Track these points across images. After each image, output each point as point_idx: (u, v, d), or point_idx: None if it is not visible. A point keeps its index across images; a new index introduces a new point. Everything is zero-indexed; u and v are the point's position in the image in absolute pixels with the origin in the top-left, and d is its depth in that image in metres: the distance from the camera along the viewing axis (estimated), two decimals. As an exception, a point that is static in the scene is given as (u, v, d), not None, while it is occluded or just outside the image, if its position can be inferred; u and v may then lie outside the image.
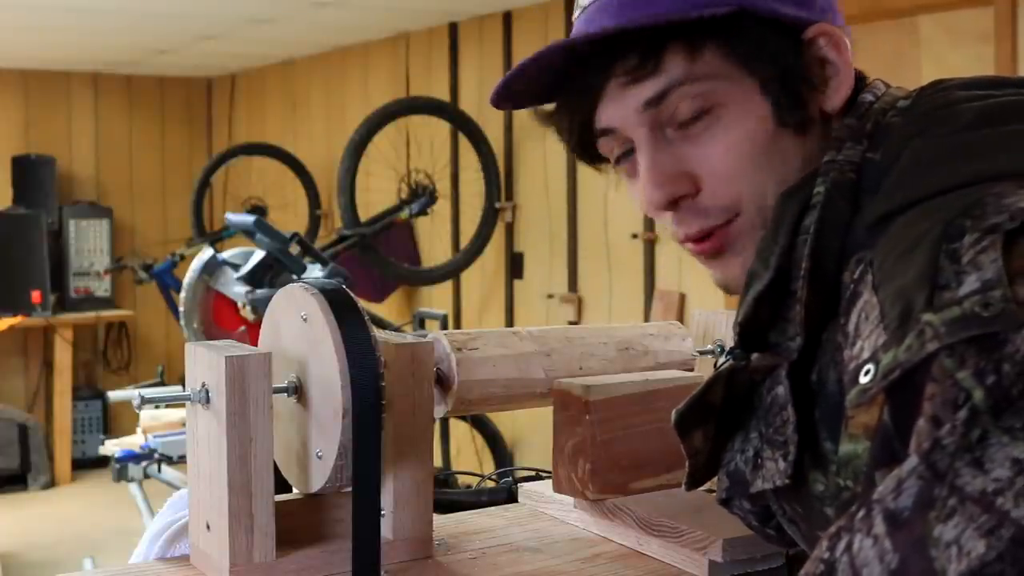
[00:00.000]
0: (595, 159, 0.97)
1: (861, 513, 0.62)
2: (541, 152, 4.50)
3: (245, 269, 3.60)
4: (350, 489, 1.07)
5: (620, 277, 4.21)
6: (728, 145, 0.87)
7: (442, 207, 4.96)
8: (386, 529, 1.14)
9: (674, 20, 0.84)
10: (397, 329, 3.99)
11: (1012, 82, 0.85)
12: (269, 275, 3.57)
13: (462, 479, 3.47)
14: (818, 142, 0.88)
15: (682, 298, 3.98)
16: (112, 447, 3.88)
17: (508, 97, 0.95)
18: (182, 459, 3.72)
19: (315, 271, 3.57)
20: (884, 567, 0.59)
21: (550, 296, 4.50)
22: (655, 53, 0.86)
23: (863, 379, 0.67)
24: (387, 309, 5.28)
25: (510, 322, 4.73)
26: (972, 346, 0.61)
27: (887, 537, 0.59)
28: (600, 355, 1.29)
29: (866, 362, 0.68)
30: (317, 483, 1.10)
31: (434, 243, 5.13)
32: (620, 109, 0.89)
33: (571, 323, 4.31)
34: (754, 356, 0.85)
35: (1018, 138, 0.75)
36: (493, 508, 1.37)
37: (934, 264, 0.66)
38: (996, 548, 0.55)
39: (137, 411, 1.11)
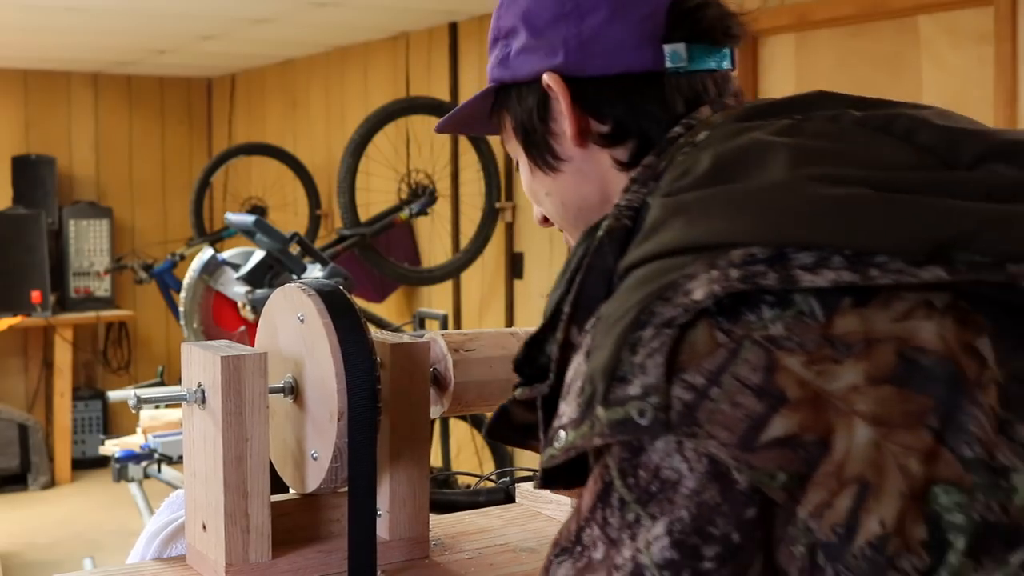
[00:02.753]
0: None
1: (578, 551, 0.73)
2: (541, 152, 4.49)
3: (245, 269, 3.60)
4: (346, 489, 1.07)
5: (620, 277, 4.21)
6: (528, 186, 1.00)
7: (442, 207, 4.96)
8: (382, 529, 1.14)
9: (488, 89, 1.03)
10: (397, 329, 3.99)
11: (784, 107, 0.84)
12: (269, 275, 3.57)
13: (461, 479, 3.47)
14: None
15: (682, 298, 3.97)
16: (112, 447, 3.87)
17: (448, 127, 1.11)
18: (182, 459, 3.71)
19: (315, 271, 3.57)
20: None
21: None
22: (498, 113, 1.03)
23: (556, 443, 0.75)
24: (387, 309, 5.28)
25: (510, 322, 4.73)
26: (623, 447, 0.70)
27: None
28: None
29: (560, 428, 0.75)
30: (312, 484, 1.10)
31: (434, 243, 5.13)
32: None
33: (571, 323, 4.30)
34: (517, 391, 0.90)
35: (727, 201, 0.73)
36: (491, 508, 1.37)
37: (617, 355, 0.71)
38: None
39: (134, 411, 1.11)
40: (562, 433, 0.74)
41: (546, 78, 0.92)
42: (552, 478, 0.80)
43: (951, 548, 0.64)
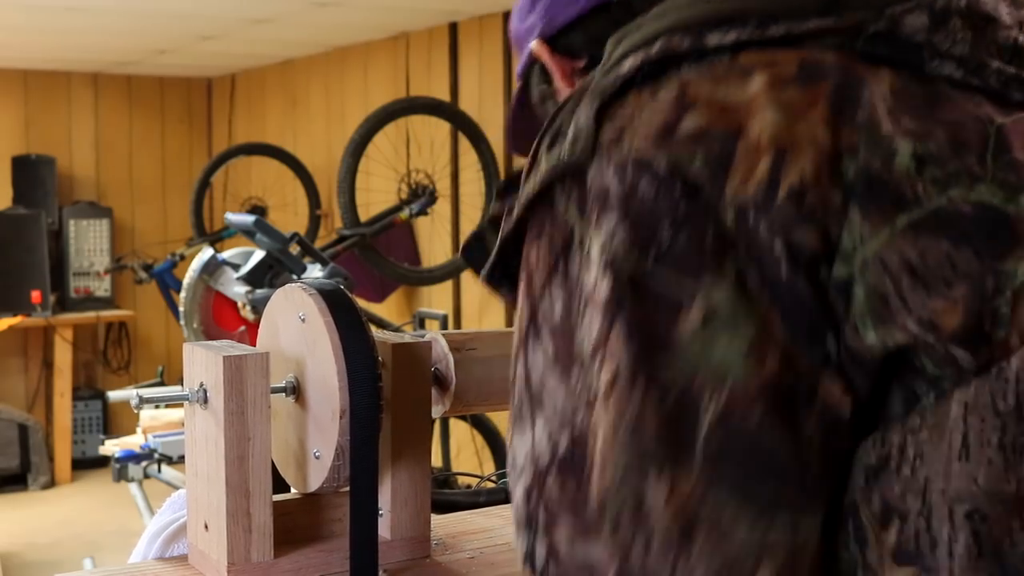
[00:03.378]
0: None
1: (530, 333, 0.77)
2: (541, 152, 4.49)
3: (245, 269, 3.60)
4: (348, 489, 1.07)
5: (620, 277, 4.21)
6: None
7: (442, 207, 4.96)
8: (384, 529, 1.14)
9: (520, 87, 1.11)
10: (397, 329, 3.99)
11: None
12: (269, 275, 3.57)
13: (462, 479, 3.47)
14: None
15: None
16: (112, 447, 3.88)
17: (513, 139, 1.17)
18: (182, 459, 3.72)
19: (315, 271, 3.57)
20: (543, 359, 0.74)
21: (550, 296, 4.50)
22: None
23: (505, 222, 0.82)
24: (387, 309, 5.28)
25: (510, 322, 4.72)
26: (569, 189, 0.75)
27: (550, 342, 0.75)
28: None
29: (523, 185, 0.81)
30: (314, 483, 1.10)
31: (434, 243, 5.13)
32: None
33: (571, 323, 4.31)
34: (492, 207, 0.93)
35: (654, 16, 0.81)
36: (491, 508, 1.37)
37: (560, 125, 0.78)
38: (602, 326, 0.71)
39: (135, 411, 1.11)
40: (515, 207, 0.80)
41: (533, 47, 1.05)
42: (500, 261, 0.84)
43: (852, 204, 0.69)
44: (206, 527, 1.09)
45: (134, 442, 3.85)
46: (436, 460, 4.09)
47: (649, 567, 0.68)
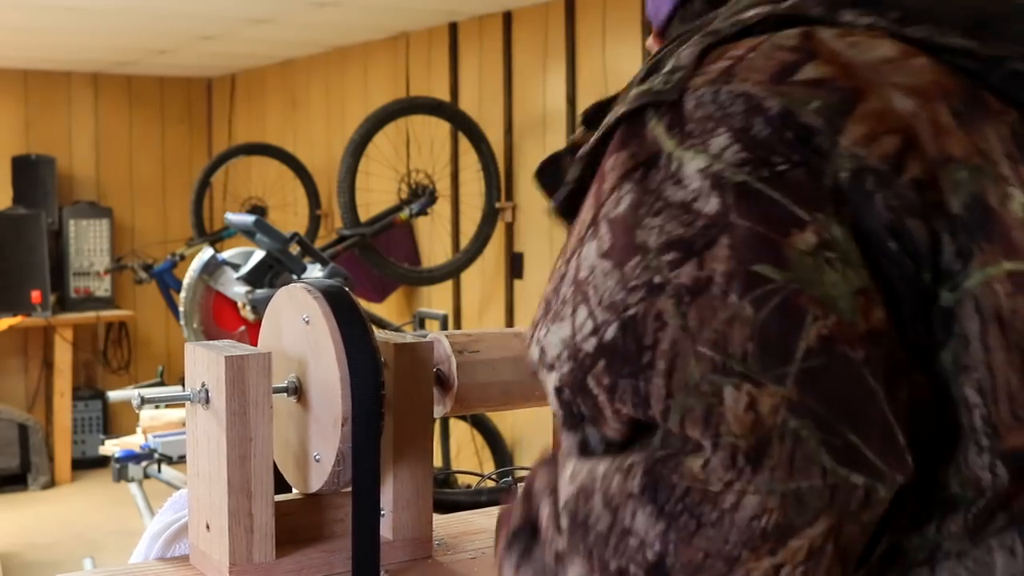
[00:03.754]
0: None
1: (590, 230, 0.73)
2: (541, 152, 4.49)
3: (245, 269, 3.60)
4: (350, 489, 1.07)
5: (620, 277, 4.21)
6: None
7: (442, 207, 4.96)
8: (386, 529, 1.14)
9: None
10: (397, 329, 3.99)
11: None
12: (269, 275, 3.57)
13: (462, 479, 3.47)
14: None
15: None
16: (112, 447, 3.88)
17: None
18: (182, 459, 3.72)
19: (315, 271, 3.57)
20: (597, 250, 0.71)
21: (550, 296, 4.50)
22: None
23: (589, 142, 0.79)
24: (387, 309, 5.28)
25: (510, 322, 4.73)
26: (666, 108, 0.72)
27: (607, 232, 0.71)
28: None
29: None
30: (315, 485, 1.10)
31: (434, 243, 5.13)
32: None
33: (571, 323, 4.30)
34: (577, 133, 0.90)
35: None
36: (493, 508, 1.37)
37: (663, 57, 0.76)
38: (691, 231, 0.67)
39: (137, 411, 1.11)
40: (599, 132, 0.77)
41: (648, 43, 0.99)
42: (577, 187, 0.80)
43: (960, 227, 0.67)
44: (208, 527, 1.09)
45: (134, 442, 3.85)
46: (436, 460, 4.09)
47: (706, 478, 0.63)
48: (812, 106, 0.68)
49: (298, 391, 1.11)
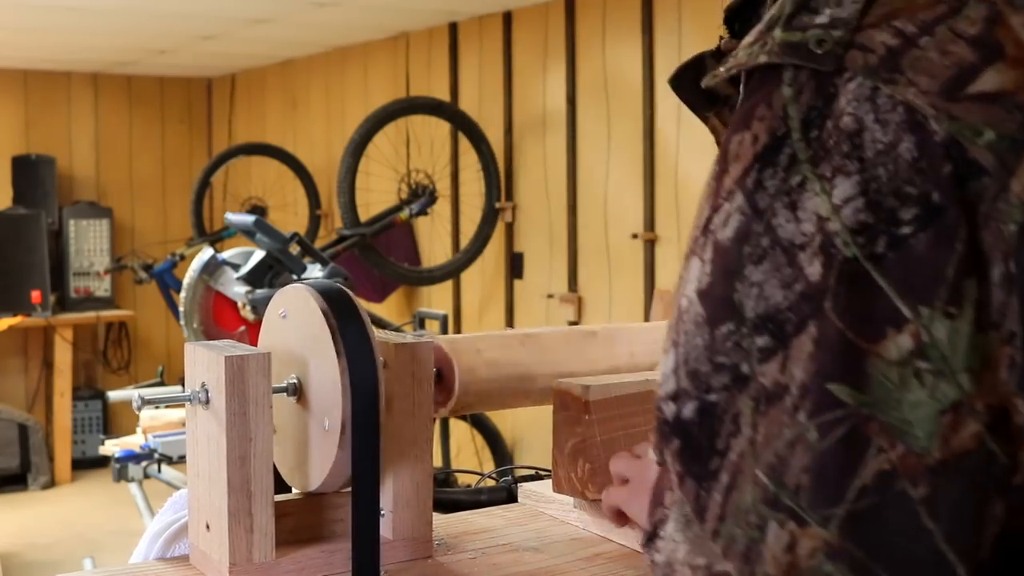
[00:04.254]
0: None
1: (700, 239, 0.67)
2: (541, 152, 4.50)
3: (245, 269, 3.60)
4: (350, 489, 1.07)
5: (620, 277, 4.21)
6: None
7: (442, 207, 4.96)
8: (386, 529, 1.14)
9: None
10: (397, 329, 3.99)
11: None
12: (269, 275, 3.57)
13: (462, 478, 3.47)
14: None
15: (682, 298, 3.96)
16: (112, 447, 3.88)
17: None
18: (182, 459, 3.72)
19: (315, 271, 3.57)
20: (697, 281, 0.65)
21: (550, 296, 4.50)
22: None
23: (722, 67, 0.70)
24: (387, 309, 5.28)
25: (510, 322, 4.73)
26: (812, 82, 0.63)
27: (710, 261, 0.65)
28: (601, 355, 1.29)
29: (732, 54, 0.69)
30: (314, 485, 1.10)
31: (434, 243, 5.13)
32: None
33: (571, 323, 4.31)
34: (723, 40, 0.82)
35: None
36: (493, 508, 1.37)
37: None
38: (788, 300, 0.61)
39: (137, 412, 1.11)
40: (731, 58, 0.68)
41: None
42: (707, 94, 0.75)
43: None
44: (208, 527, 1.08)
45: (134, 442, 3.85)
46: (436, 460, 4.09)
47: None
48: (985, 139, 0.58)
49: (298, 391, 1.11)
